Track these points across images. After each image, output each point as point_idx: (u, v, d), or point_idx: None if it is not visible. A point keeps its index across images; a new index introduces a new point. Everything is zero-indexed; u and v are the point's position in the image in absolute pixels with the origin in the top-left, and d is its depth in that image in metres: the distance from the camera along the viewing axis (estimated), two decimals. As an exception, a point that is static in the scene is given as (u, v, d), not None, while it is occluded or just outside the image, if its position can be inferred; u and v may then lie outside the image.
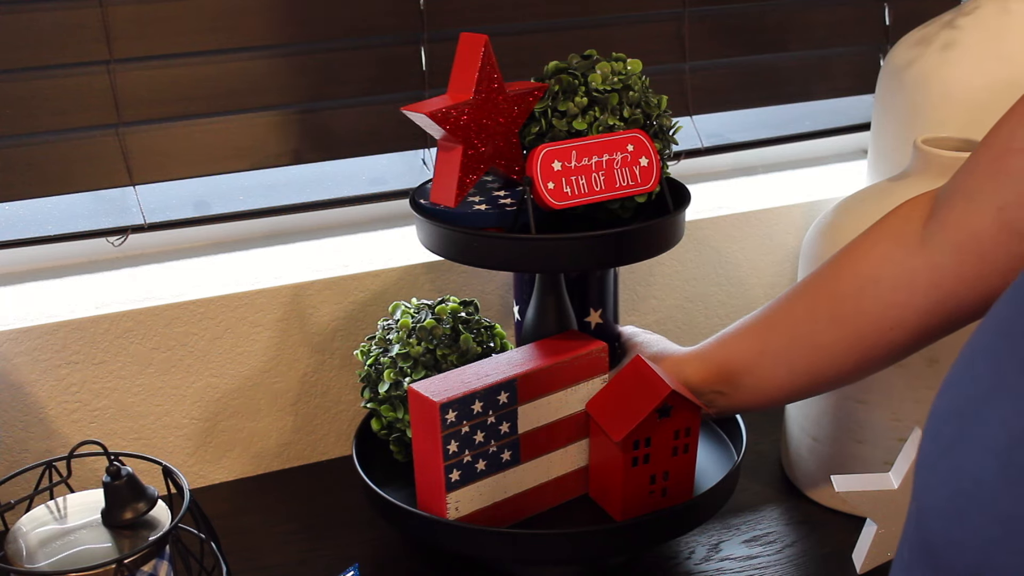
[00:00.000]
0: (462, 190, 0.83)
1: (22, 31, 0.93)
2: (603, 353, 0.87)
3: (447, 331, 0.93)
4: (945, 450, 0.44)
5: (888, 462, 0.89)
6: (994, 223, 0.66)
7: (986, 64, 0.99)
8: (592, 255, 0.83)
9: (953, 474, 0.43)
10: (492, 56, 0.82)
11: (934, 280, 0.71)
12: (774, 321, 0.82)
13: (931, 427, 0.47)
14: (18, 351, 0.95)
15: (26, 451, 0.98)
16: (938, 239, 0.71)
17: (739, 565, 0.90)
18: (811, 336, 0.79)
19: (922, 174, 0.90)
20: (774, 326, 0.82)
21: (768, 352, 0.82)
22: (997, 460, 0.41)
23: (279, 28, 1.02)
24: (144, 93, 0.99)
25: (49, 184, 0.98)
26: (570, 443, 0.88)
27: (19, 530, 0.72)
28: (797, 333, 0.80)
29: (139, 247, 1.07)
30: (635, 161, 0.84)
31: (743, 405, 0.85)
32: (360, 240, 1.12)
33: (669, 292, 1.19)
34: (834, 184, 1.26)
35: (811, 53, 1.26)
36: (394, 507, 0.84)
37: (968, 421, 0.43)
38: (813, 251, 0.95)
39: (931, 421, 0.47)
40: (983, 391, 0.43)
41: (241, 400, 1.04)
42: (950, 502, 0.43)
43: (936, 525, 0.44)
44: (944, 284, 0.70)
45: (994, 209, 0.66)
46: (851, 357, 0.77)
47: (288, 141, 1.06)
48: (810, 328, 0.79)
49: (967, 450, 0.43)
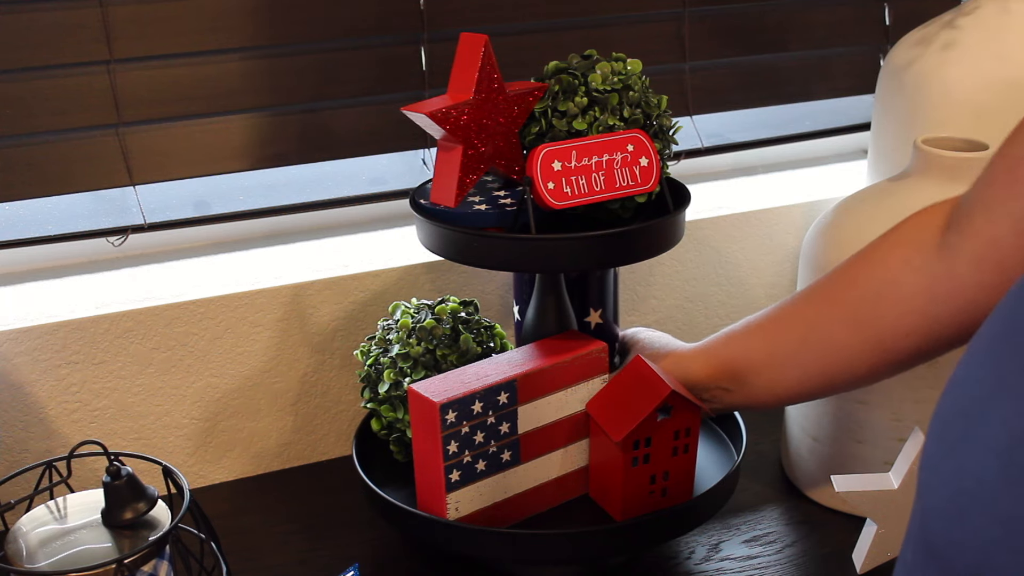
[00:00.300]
0: (462, 190, 0.83)
1: (22, 31, 0.93)
2: (603, 353, 0.87)
3: (447, 331, 0.93)
4: (948, 451, 0.44)
5: (888, 462, 0.89)
6: (1012, 232, 0.66)
7: (986, 64, 0.99)
8: (592, 255, 0.83)
9: (955, 474, 0.43)
10: (492, 56, 0.82)
11: (953, 288, 0.71)
12: (785, 322, 0.82)
13: (934, 428, 0.47)
14: (18, 351, 0.95)
15: (26, 451, 0.98)
16: (957, 248, 0.71)
17: (739, 565, 0.90)
18: (826, 339, 0.78)
19: (922, 174, 0.90)
20: (786, 327, 0.82)
21: (779, 353, 0.81)
22: (998, 460, 0.41)
23: (279, 28, 1.02)
24: (144, 93, 0.99)
25: (49, 184, 0.98)
26: (570, 443, 0.88)
27: (19, 530, 0.72)
28: (811, 335, 0.80)
29: (139, 247, 1.07)
30: (635, 161, 0.84)
31: (749, 403, 0.85)
32: (360, 240, 1.12)
33: (669, 292, 1.19)
34: (834, 184, 1.26)
35: (811, 53, 1.26)
36: (394, 507, 0.84)
37: (970, 422, 0.43)
38: (813, 251, 0.95)
39: (934, 422, 0.47)
40: (985, 392, 0.43)
41: (241, 400, 1.04)
42: (952, 502, 0.43)
43: (938, 525, 0.44)
44: (963, 293, 0.70)
45: (1012, 219, 0.66)
46: (866, 361, 0.77)
47: (288, 141, 1.06)
48: (825, 331, 0.78)
49: (969, 450, 0.43)
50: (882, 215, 0.90)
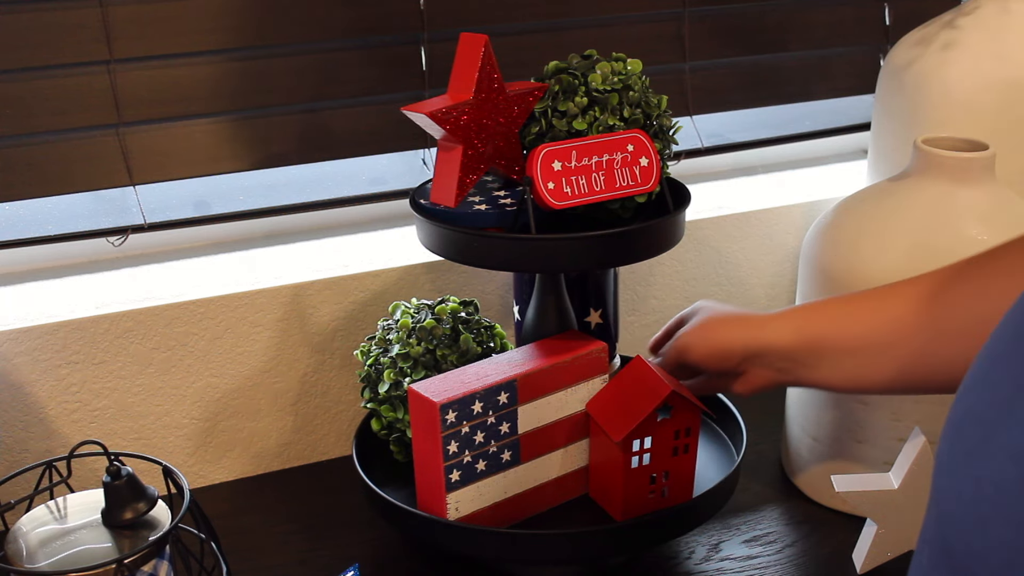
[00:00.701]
0: (462, 190, 0.83)
1: (22, 31, 0.93)
2: (603, 353, 0.87)
3: (447, 331, 0.93)
4: (964, 456, 0.44)
5: (888, 462, 0.89)
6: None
7: (986, 64, 0.99)
8: (592, 255, 0.83)
9: (972, 480, 0.43)
10: (492, 56, 0.82)
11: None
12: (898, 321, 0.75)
13: (948, 433, 0.46)
14: (18, 351, 0.95)
15: (26, 451, 0.98)
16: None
17: (739, 565, 0.90)
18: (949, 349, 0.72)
19: (922, 174, 0.90)
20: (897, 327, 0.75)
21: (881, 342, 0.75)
22: (1016, 466, 0.40)
23: (279, 28, 1.02)
24: (144, 93, 0.99)
25: (49, 184, 0.98)
26: (570, 443, 0.88)
27: (19, 530, 0.72)
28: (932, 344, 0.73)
29: (139, 247, 1.07)
30: (635, 161, 0.84)
31: (823, 383, 0.80)
32: (360, 240, 1.12)
33: (669, 292, 1.19)
34: (834, 184, 1.26)
35: (811, 53, 1.26)
36: (394, 507, 0.84)
37: (987, 427, 0.43)
38: (813, 251, 0.95)
39: (948, 427, 0.47)
40: (1002, 396, 0.43)
41: (241, 400, 1.04)
42: (970, 508, 0.43)
43: (956, 531, 0.44)
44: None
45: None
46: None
47: (288, 141, 1.06)
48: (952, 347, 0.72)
49: (987, 456, 0.42)
50: (882, 215, 0.90)
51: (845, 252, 0.91)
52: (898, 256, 0.87)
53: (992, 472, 0.42)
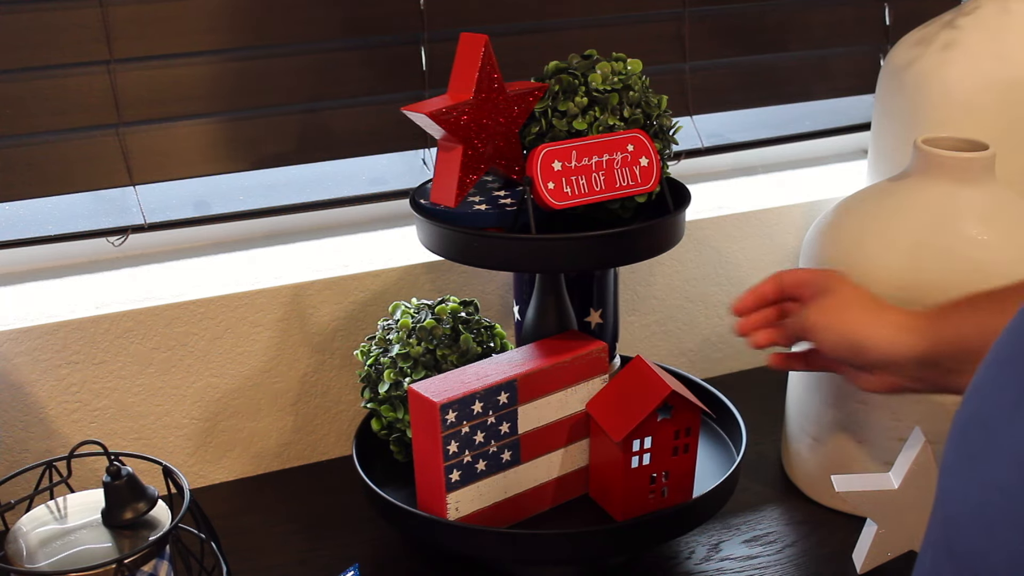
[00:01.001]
0: (462, 190, 0.83)
1: (22, 31, 0.93)
2: (603, 353, 0.87)
3: (447, 331, 0.93)
4: (969, 459, 0.44)
5: (888, 462, 0.89)
6: None
7: (986, 64, 0.99)
8: (592, 255, 0.83)
9: (978, 484, 0.43)
10: (492, 56, 0.82)
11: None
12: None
13: (954, 436, 0.46)
14: (18, 351, 0.95)
15: (26, 451, 0.98)
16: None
17: (739, 565, 0.90)
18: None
19: (922, 174, 0.90)
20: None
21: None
22: (1022, 470, 0.40)
23: (279, 28, 1.02)
24: (144, 93, 0.99)
25: (49, 184, 0.98)
26: (570, 443, 0.88)
27: (19, 530, 0.72)
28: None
29: (139, 247, 1.07)
30: (635, 161, 0.84)
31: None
32: (360, 240, 1.12)
33: (669, 292, 1.19)
34: (834, 184, 1.26)
35: (811, 53, 1.26)
36: (394, 507, 0.84)
37: (993, 430, 0.43)
38: (813, 251, 0.95)
39: (954, 431, 0.47)
40: (1008, 400, 0.43)
41: (241, 400, 1.04)
42: (975, 512, 0.43)
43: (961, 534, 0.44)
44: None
45: None
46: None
47: (288, 141, 1.06)
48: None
49: (992, 459, 0.42)
50: (882, 215, 0.90)
51: (845, 252, 0.91)
52: (898, 256, 0.87)
53: (997, 476, 0.42)
